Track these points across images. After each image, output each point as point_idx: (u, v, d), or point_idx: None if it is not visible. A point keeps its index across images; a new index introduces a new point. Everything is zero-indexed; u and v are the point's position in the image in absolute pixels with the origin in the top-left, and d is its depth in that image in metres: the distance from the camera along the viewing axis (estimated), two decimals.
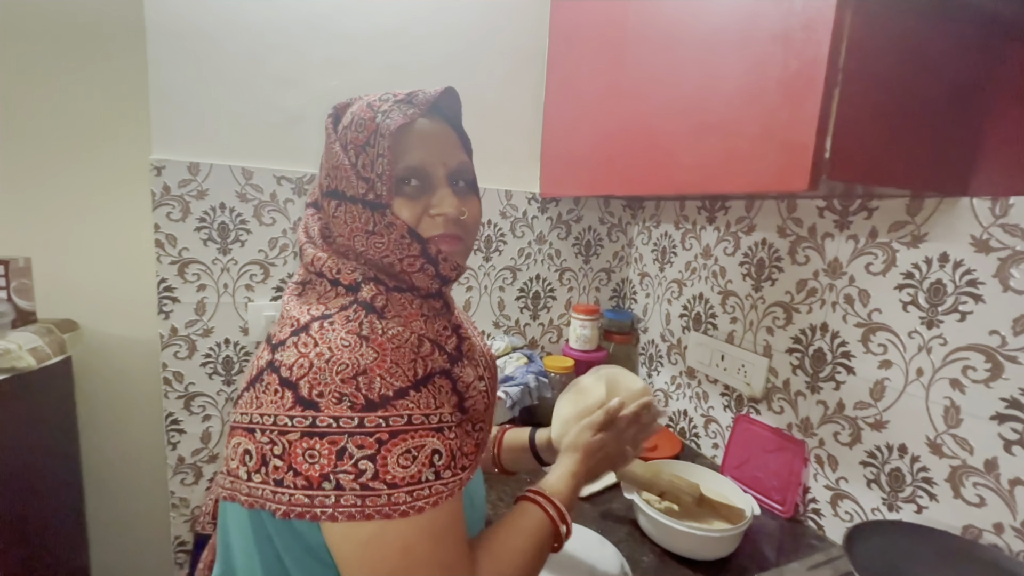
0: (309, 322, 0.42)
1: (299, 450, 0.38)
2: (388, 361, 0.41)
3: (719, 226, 1.03)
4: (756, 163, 0.59)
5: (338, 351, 0.40)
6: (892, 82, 0.54)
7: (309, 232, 0.52)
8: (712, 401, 1.05)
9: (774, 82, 0.56)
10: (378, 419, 0.39)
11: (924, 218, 0.67)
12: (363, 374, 0.39)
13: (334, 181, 0.47)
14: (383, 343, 0.42)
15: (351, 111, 0.48)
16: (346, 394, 0.39)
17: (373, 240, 0.46)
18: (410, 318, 0.46)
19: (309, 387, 0.39)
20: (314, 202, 0.53)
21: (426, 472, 0.40)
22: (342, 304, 0.44)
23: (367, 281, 0.46)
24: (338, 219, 0.47)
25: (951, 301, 0.65)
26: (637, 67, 0.83)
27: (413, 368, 0.42)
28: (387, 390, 0.40)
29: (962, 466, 0.64)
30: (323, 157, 0.50)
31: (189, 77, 0.90)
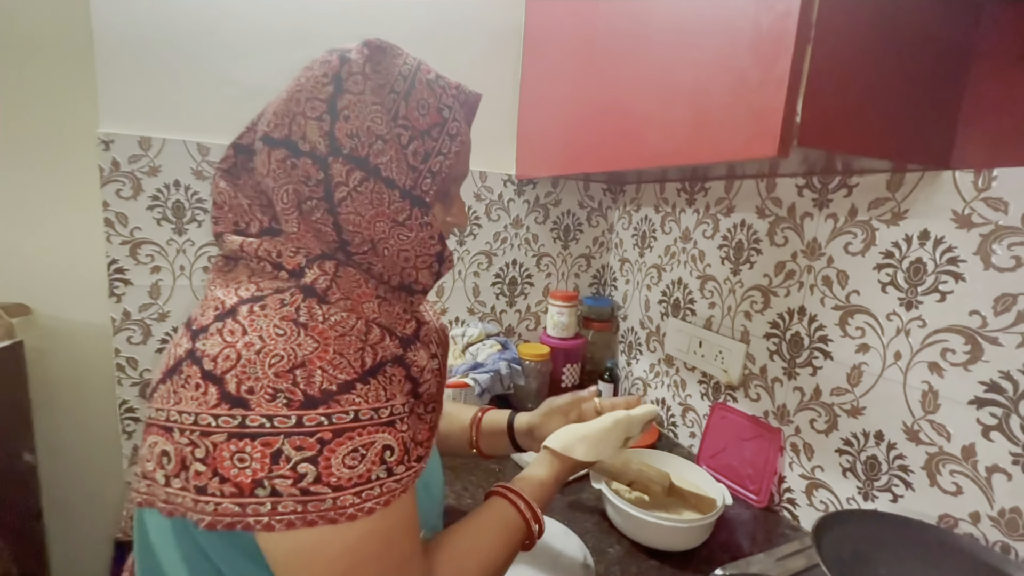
0: (236, 305, 0.37)
1: (225, 453, 0.33)
2: (331, 351, 0.36)
3: (698, 208, 1.00)
4: (724, 130, 0.55)
5: (271, 340, 0.35)
6: (869, 41, 0.50)
7: (258, 194, 0.43)
8: (690, 389, 1.02)
9: (744, 42, 0.52)
10: (319, 417, 0.35)
11: (905, 194, 0.64)
12: (301, 367, 0.35)
13: (365, 149, 0.39)
14: (324, 331, 0.37)
15: (403, 73, 0.42)
16: (281, 390, 0.34)
17: (398, 231, 0.41)
18: (361, 299, 0.41)
19: (237, 382, 0.34)
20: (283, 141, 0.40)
21: (376, 470, 0.37)
22: (278, 286, 0.39)
23: (313, 263, 0.40)
24: (360, 195, 0.39)
25: (931, 281, 0.61)
26: (610, 36, 0.78)
27: (360, 358, 0.38)
28: (330, 384, 0.36)
29: (939, 453, 0.61)
30: (335, 100, 0.39)
31: (137, 45, 0.85)
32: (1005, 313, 0.55)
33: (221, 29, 0.89)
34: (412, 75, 0.43)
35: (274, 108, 0.41)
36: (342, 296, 0.40)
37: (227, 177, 0.45)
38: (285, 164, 0.40)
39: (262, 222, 0.43)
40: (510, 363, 1.02)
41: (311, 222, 0.41)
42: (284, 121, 0.40)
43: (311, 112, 0.39)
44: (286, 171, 0.40)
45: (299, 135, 0.39)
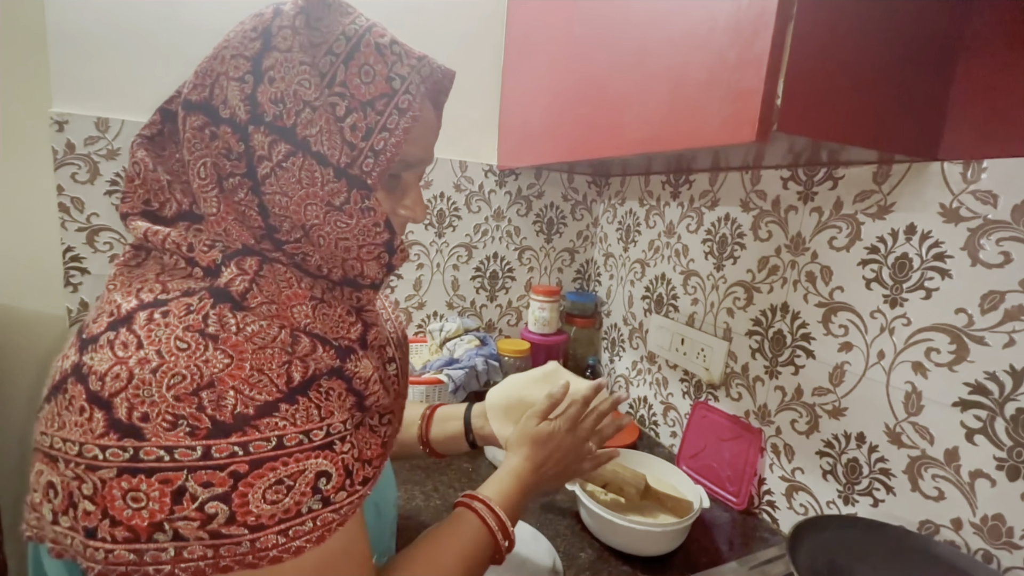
0: (134, 311, 0.31)
1: (116, 492, 0.28)
2: (247, 367, 0.31)
3: (683, 201, 0.97)
4: (702, 114, 0.52)
5: (170, 356, 0.30)
6: (854, 22, 0.47)
7: (183, 168, 0.37)
8: (672, 387, 1.00)
9: (723, 20, 0.49)
10: (231, 447, 0.29)
11: (891, 186, 0.61)
12: (208, 387, 0.30)
13: (292, 117, 0.33)
14: (239, 343, 0.31)
15: (346, 33, 0.36)
16: (183, 416, 0.29)
17: (334, 216, 0.35)
18: (290, 302, 0.35)
19: (128, 407, 0.29)
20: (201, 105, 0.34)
21: (308, 502, 0.32)
22: (188, 287, 0.33)
23: (230, 260, 0.34)
24: (285, 171, 0.34)
25: (917, 277, 0.59)
26: (590, 17, 0.75)
27: (286, 372, 0.32)
28: (245, 407, 0.30)
29: (921, 456, 0.58)
30: (261, 58, 0.33)
31: (93, 21, 0.80)
32: (992, 312, 0.52)
33: (184, 4, 0.84)
34: (359, 36, 0.36)
35: (199, 66, 0.35)
36: (265, 300, 0.34)
37: (148, 146, 0.38)
38: (203, 133, 0.34)
39: (180, 204, 0.37)
40: (487, 359, 0.99)
41: (233, 203, 0.35)
42: (206, 82, 0.34)
43: (234, 72, 0.33)
44: (204, 141, 0.34)
45: (220, 99, 0.34)
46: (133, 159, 0.38)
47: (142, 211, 0.38)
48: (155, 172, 0.37)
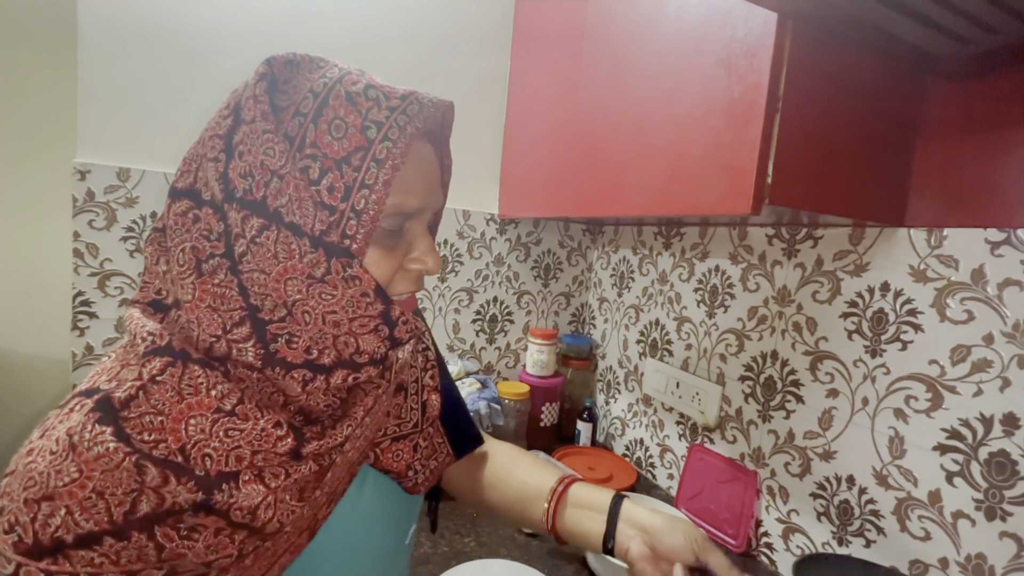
0: (69, 399, 0.31)
1: None
2: (88, 488, 0.28)
3: (675, 252, 1.03)
4: (701, 186, 0.58)
5: (40, 457, 0.28)
6: (830, 110, 0.55)
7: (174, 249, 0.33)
8: (668, 430, 1.03)
9: (718, 106, 0.56)
10: (39, 572, 0.27)
11: (866, 247, 0.68)
12: (49, 499, 0.27)
13: (261, 189, 0.31)
14: (89, 460, 0.28)
15: (314, 89, 0.33)
16: (20, 523, 0.27)
17: (317, 289, 0.33)
18: (184, 414, 0.31)
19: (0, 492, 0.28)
20: (186, 192, 0.33)
21: None
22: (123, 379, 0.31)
23: (145, 357, 0.32)
24: (260, 247, 0.31)
25: (893, 330, 0.65)
26: (592, 89, 0.83)
27: (131, 502, 0.28)
28: (67, 532, 0.27)
29: (907, 498, 0.63)
30: (232, 134, 0.32)
31: (123, 78, 0.85)
32: (961, 363, 0.58)
33: (212, 66, 0.90)
34: (327, 90, 0.33)
35: (185, 154, 0.35)
36: (150, 410, 0.30)
37: (160, 239, 0.36)
38: (186, 217, 0.32)
39: (175, 292, 0.34)
40: (490, 403, 1.01)
41: (211, 287, 0.32)
42: (191, 167, 0.33)
43: (211, 152, 0.32)
44: (186, 225, 0.32)
45: (203, 182, 0.32)
46: (144, 253, 0.37)
47: (151, 300, 0.36)
48: (157, 265, 0.36)
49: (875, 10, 0.46)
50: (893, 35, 0.51)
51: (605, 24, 0.80)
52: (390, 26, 1.03)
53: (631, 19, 0.73)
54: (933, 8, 0.45)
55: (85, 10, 0.81)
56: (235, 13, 0.90)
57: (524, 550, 0.77)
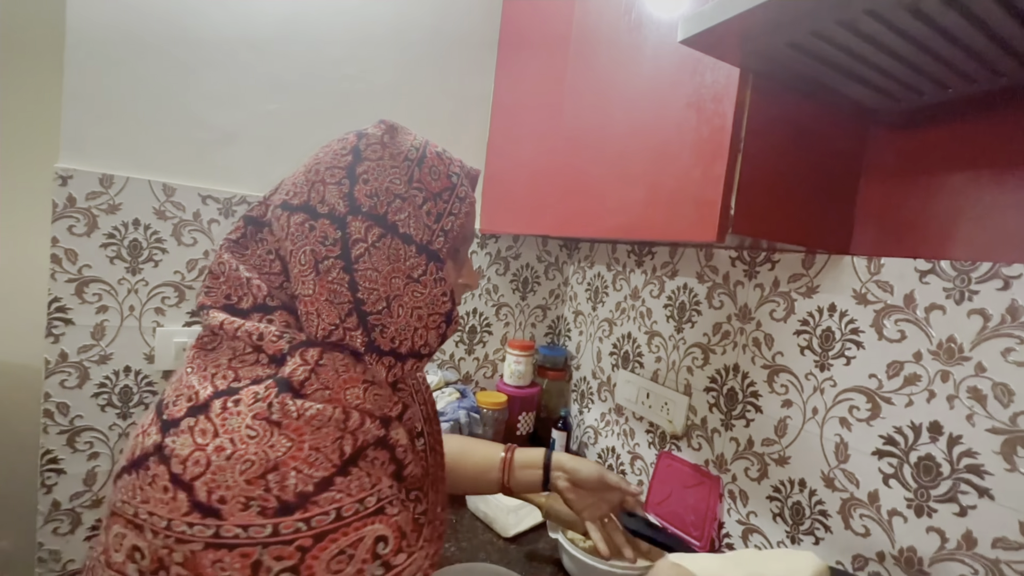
0: (210, 399, 0.36)
1: (205, 561, 0.32)
2: (306, 448, 0.35)
3: (646, 270, 1.10)
4: (673, 214, 0.64)
5: (242, 444, 0.34)
6: (786, 152, 0.62)
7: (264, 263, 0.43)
8: (638, 438, 1.09)
9: (689, 143, 0.63)
10: (296, 523, 0.33)
11: (816, 271, 0.76)
12: (274, 470, 0.33)
13: (384, 206, 0.42)
14: (299, 427, 0.35)
15: (415, 145, 0.46)
16: (253, 498, 0.33)
17: (413, 287, 0.42)
18: (344, 386, 0.39)
19: (207, 491, 0.32)
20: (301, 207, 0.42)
21: (370, 568, 0.35)
22: (256, 375, 0.38)
23: (295, 350, 0.39)
24: (378, 250, 0.41)
25: (838, 347, 0.72)
26: (574, 117, 0.89)
27: (339, 447, 0.36)
28: (305, 485, 0.34)
29: (851, 499, 0.70)
30: (354, 167, 0.42)
31: (110, 85, 0.85)
32: (895, 377, 0.66)
33: (201, 75, 0.91)
34: (423, 147, 0.47)
35: (292, 180, 0.44)
36: (320, 387, 0.38)
37: (234, 248, 0.45)
38: (303, 227, 0.41)
39: (256, 297, 0.42)
40: (469, 412, 1.04)
41: (327, 282, 0.40)
42: (303, 190, 0.42)
43: (330, 179, 0.42)
44: (304, 233, 0.41)
45: (317, 200, 0.41)
46: (220, 260, 0.44)
47: (223, 304, 0.43)
48: (237, 271, 0.43)
49: (820, 71, 0.54)
50: (838, 91, 0.58)
51: (588, 58, 0.86)
52: (378, 44, 1.07)
53: (613, 56, 0.79)
54: (868, 71, 0.53)
55: (74, 15, 0.81)
56: (226, 24, 0.92)
57: (503, 554, 0.81)
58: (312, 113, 1.02)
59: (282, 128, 0.99)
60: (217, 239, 0.95)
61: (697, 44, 0.51)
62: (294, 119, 1.00)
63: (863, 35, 0.45)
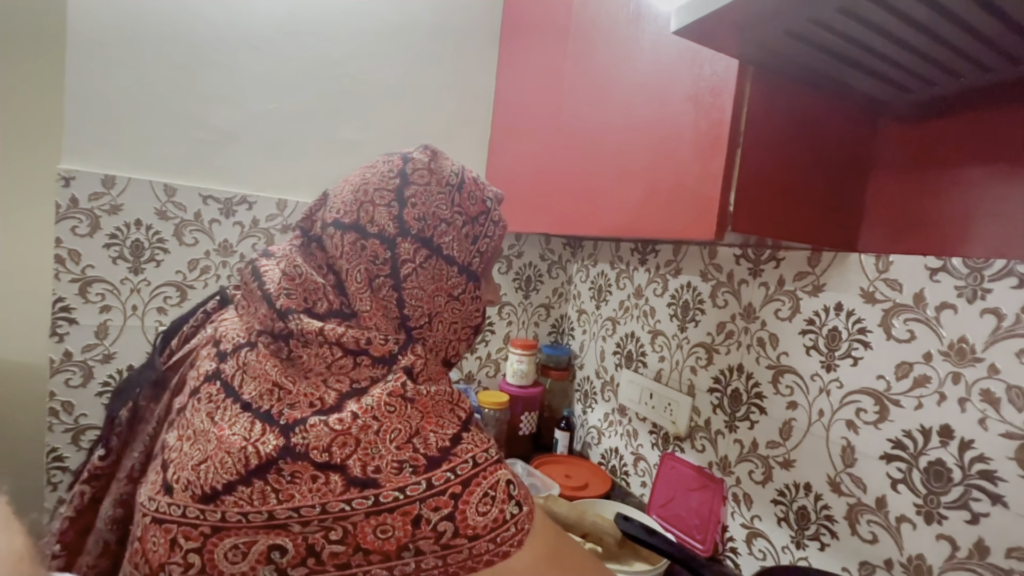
0: (340, 401, 0.38)
1: (367, 529, 0.35)
2: (433, 416, 0.39)
3: (650, 268, 1.08)
4: (672, 212, 0.63)
5: (385, 419, 0.37)
6: (788, 146, 0.60)
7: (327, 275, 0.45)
8: (641, 439, 1.07)
9: (687, 138, 0.61)
10: (446, 474, 0.37)
11: (822, 269, 0.74)
12: (416, 435, 0.38)
13: (430, 230, 0.45)
14: (425, 402, 0.40)
15: (454, 170, 0.49)
16: (405, 460, 0.36)
17: (453, 305, 0.47)
18: (439, 376, 0.43)
19: (362, 465, 0.36)
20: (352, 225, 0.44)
21: (508, 508, 0.39)
22: (372, 376, 0.40)
23: (404, 350, 0.42)
24: (425, 271, 0.45)
25: (845, 347, 0.70)
26: (573, 112, 0.87)
27: (455, 414, 0.41)
28: (444, 441, 0.38)
29: (857, 504, 0.67)
30: (402, 190, 0.45)
31: (111, 86, 0.85)
32: (904, 379, 0.63)
33: (201, 76, 0.91)
34: (461, 172, 0.50)
35: (340, 198, 0.46)
36: (426, 377, 0.42)
37: (302, 254, 0.46)
38: (356, 246, 0.44)
39: (332, 304, 0.44)
40: None
41: (379, 299, 0.44)
42: (352, 209, 0.45)
43: (379, 200, 0.45)
44: (357, 252, 0.44)
45: (367, 220, 0.45)
46: (295, 263, 0.45)
47: (304, 309, 0.43)
48: (313, 277, 0.44)
49: (826, 62, 0.51)
50: (844, 83, 0.56)
51: (587, 51, 0.84)
52: (381, 40, 1.06)
53: (611, 49, 0.77)
54: (876, 62, 0.51)
55: (75, 16, 0.82)
56: (226, 24, 0.92)
57: None
58: (313, 113, 1.02)
59: (282, 128, 0.99)
60: (218, 239, 0.95)
61: (691, 34, 0.49)
62: (294, 119, 1.00)
63: (866, 22, 0.43)
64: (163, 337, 0.50)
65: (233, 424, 0.37)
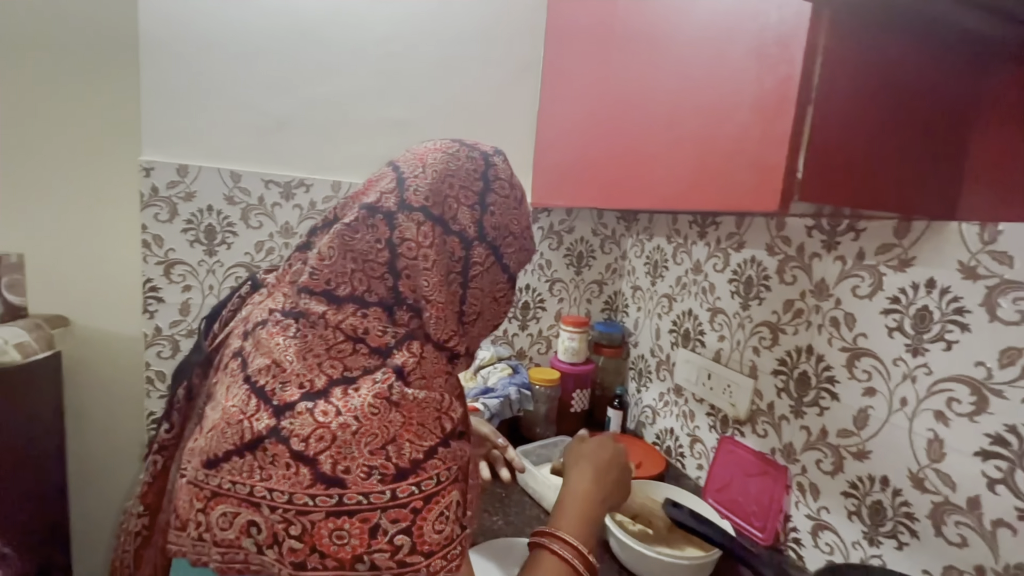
0: (328, 387, 0.38)
1: (324, 531, 0.35)
2: (415, 423, 0.39)
3: (709, 241, 1.01)
4: (729, 181, 0.57)
5: (366, 420, 0.37)
6: (872, 101, 0.52)
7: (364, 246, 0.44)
8: (698, 420, 1.03)
9: (747, 98, 0.55)
10: (410, 487, 0.37)
11: (912, 241, 0.65)
12: (392, 442, 0.37)
13: (500, 240, 0.49)
14: (411, 407, 0.39)
15: (519, 186, 0.53)
16: (375, 467, 0.36)
17: (494, 306, 0.50)
18: (434, 376, 0.43)
19: (332, 463, 0.35)
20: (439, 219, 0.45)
21: (455, 528, 0.38)
22: (365, 365, 0.40)
23: (401, 344, 0.42)
24: (487, 274, 0.48)
25: (937, 329, 0.62)
26: (623, 78, 0.81)
27: (439, 424, 0.40)
28: (417, 453, 0.38)
29: (944, 503, 0.61)
30: (485, 195, 0.48)
31: (179, 80, 0.91)
32: (1010, 367, 0.55)
33: (257, 65, 0.95)
34: (521, 192, 0.54)
35: (425, 183, 0.46)
36: (419, 376, 0.41)
37: (346, 232, 0.45)
38: (439, 238, 0.45)
39: (355, 289, 0.44)
40: (520, 388, 1.04)
41: (449, 293, 0.45)
42: (438, 200, 0.46)
43: (464, 200, 0.47)
44: (438, 245, 0.45)
45: (450, 216, 0.46)
46: (331, 244, 0.45)
47: (323, 290, 0.44)
48: (344, 259, 0.44)
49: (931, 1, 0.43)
50: (945, 21, 0.47)
51: (638, 11, 0.78)
52: (424, 16, 1.05)
53: (663, 5, 0.71)
54: None
55: (145, 19, 0.87)
56: (274, 12, 0.94)
57: None
58: (361, 93, 1.03)
59: (333, 111, 1.02)
60: (279, 221, 1.01)
61: None
62: (344, 101, 1.02)
63: None
64: (206, 322, 0.53)
65: (235, 396, 0.39)
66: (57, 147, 0.90)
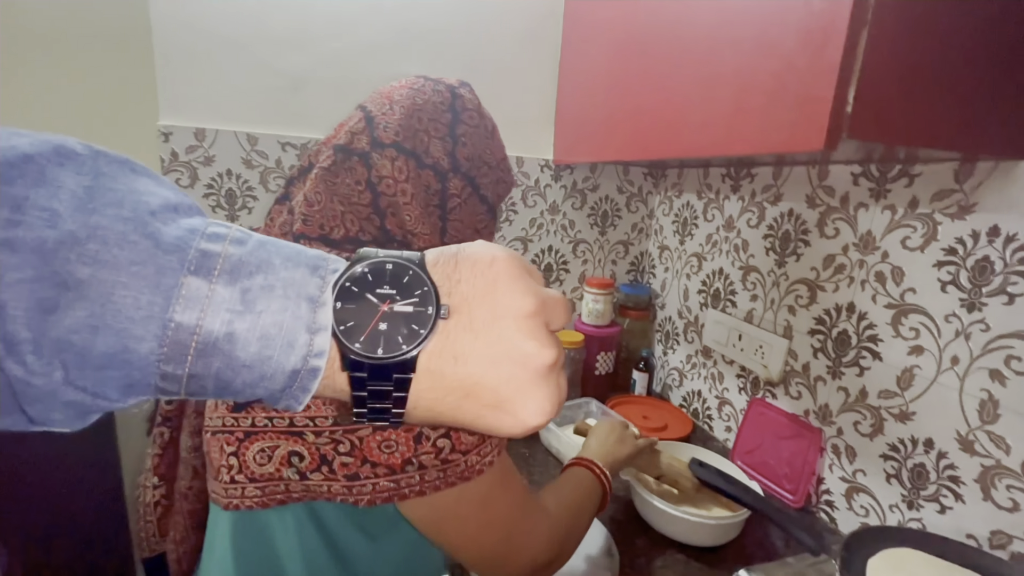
0: None
1: (373, 444, 0.37)
2: None
3: (743, 195, 0.95)
4: (769, 120, 0.52)
5: None
6: (934, 24, 0.46)
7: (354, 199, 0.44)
8: (727, 383, 1.00)
9: (793, 25, 0.49)
10: None
11: (974, 185, 0.59)
12: None
13: (475, 171, 0.50)
14: None
15: (489, 116, 0.54)
16: None
17: (476, 238, 0.50)
18: None
19: None
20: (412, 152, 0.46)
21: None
22: None
23: None
24: (466, 205, 0.49)
25: (999, 281, 0.56)
26: (652, 16, 0.75)
27: None
28: None
29: (996, 466, 0.57)
30: (455, 127, 0.49)
31: (193, 41, 0.89)
32: None
33: (270, 21, 0.92)
34: (492, 124, 0.54)
35: (394, 119, 0.46)
36: None
37: (326, 176, 0.44)
38: (413, 172, 0.46)
39: (348, 230, 0.44)
40: None
41: (430, 225, 0.47)
42: (409, 135, 0.46)
43: (434, 132, 0.48)
44: (415, 179, 0.46)
45: (422, 150, 0.47)
46: (316, 189, 0.44)
47: (319, 235, 0.43)
48: (332, 203, 0.44)
49: None
50: None
51: None
52: None
53: None
54: None
55: None
56: None
57: None
58: (376, 48, 0.99)
59: (348, 67, 0.98)
60: None
61: None
62: (359, 56, 0.98)
63: None
64: None
65: None
66: (74, 117, 0.90)
